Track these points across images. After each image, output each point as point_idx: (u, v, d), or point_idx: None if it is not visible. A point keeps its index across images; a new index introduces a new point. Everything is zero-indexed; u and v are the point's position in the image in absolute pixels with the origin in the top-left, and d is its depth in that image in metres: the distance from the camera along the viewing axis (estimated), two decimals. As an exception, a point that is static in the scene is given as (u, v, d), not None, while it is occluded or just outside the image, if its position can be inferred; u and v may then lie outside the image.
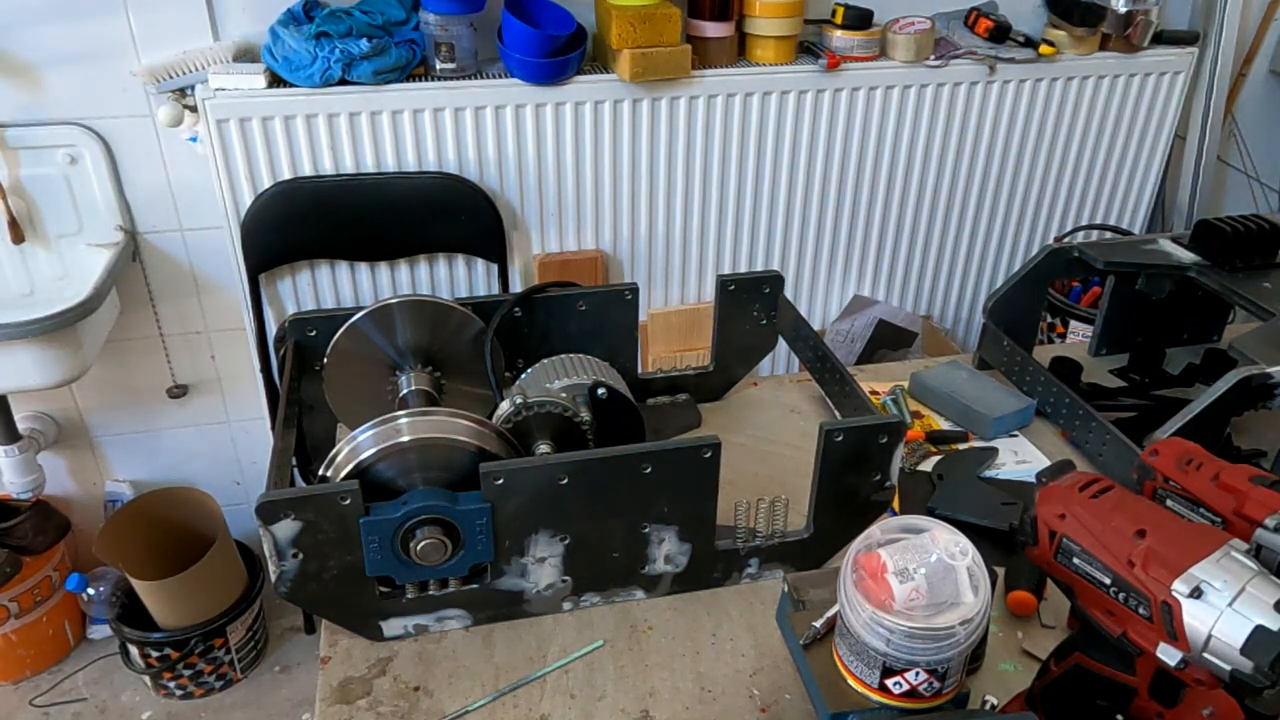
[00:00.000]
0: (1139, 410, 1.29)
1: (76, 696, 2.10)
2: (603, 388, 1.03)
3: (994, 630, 0.94)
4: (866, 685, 0.75)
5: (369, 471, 0.86)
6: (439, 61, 1.79)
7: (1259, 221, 1.25)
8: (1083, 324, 2.21)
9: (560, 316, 1.13)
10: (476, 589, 0.92)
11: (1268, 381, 1.04)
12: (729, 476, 0.92)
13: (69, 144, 1.80)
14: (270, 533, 0.81)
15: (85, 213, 1.87)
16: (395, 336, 1.06)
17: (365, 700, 0.87)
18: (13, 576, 2.00)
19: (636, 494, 0.89)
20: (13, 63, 1.73)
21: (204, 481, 2.19)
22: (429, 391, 1.05)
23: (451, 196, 1.87)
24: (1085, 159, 2.29)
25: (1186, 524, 0.70)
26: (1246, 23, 2.30)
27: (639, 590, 0.97)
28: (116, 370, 2.06)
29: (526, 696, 0.88)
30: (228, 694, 2.11)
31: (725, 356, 1.26)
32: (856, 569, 0.74)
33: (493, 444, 0.89)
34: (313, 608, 0.91)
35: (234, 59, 1.76)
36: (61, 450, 2.14)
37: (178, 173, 1.89)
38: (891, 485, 0.97)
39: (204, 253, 1.97)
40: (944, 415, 1.29)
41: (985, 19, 2.10)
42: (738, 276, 1.21)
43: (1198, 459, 0.83)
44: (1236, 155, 2.43)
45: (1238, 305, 1.23)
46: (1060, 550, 0.72)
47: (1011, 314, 1.34)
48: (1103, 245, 1.35)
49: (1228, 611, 0.62)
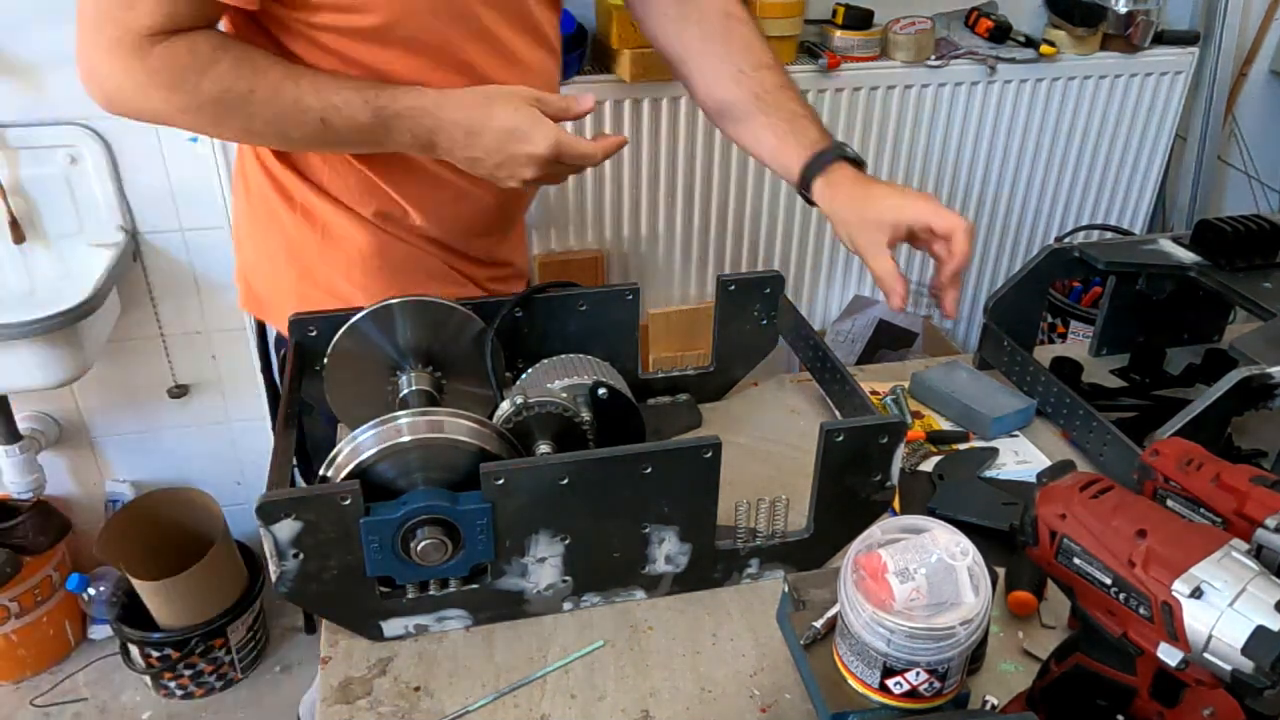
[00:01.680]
0: (1139, 410, 1.29)
1: (77, 696, 2.10)
2: (603, 388, 1.03)
3: (994, 630, 0.94)
4: (867, 685, 0.75)
5: (369, 472, 0.86)
6: (439, 61, 1.79)
7: (1259, 221, 1.25)
8: (1083, 324, 2.21)
9: (561, 316, 1.13)
10: (477, 589, 0.92)
11: (1268, 381, 1.04)
12: (729, 476, 0.92)
13: (69, 144, 1.81)
14: (270, 533, 0.81)
15: (86, 213, 1.87)
16: (396, 337, 1.06)
17: (365, 700, 0.87)
18: (13, 576, 2.00)
19: (637, 494, 0.89)
20: (13, 63, 1.73)
21: (204, 481, 2.19)
22: (429, 392, 1.05)
23: (452, 196, 1.86)
24: (1085, 159, 2.29)
25: (1187, 524, 0.70)
26: (1247, 23, 2.30)
27: (639, 590, 0.97)
28: (117, 370, 2.06)
29: (527, 696, 0.88)
30: (228, 694, 2.11)
31: (726, 357, 1.26)
32: (857, 569, 0.74)
33: (493, 444, 0.89)
34: (313, 608, 0.91)
35: (234, 59, 1.76)
36: (62, 450, 2.14)
37: (178, 173, 1.89)
38: (892, 485, 0.97)
39: (204, 253, 1.98)
40: (944, 415, 1.29)
41: (985, 19, 2.10)
42: (738, 276, 1.21)
43: (1198, 459, 0.83)
44: (1237, 155, 2.43)
45: (1238, 305, 1.23)
46: (1060, 550, 0.72)
47: (1012, 314, 1.34)
48: (1103, 245, 1.35)
49: (1228, 612, 0.62)
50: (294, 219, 1.16)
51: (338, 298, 1.17)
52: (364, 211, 1.15)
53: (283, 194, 1.16)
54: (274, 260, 1.22)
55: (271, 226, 1.19)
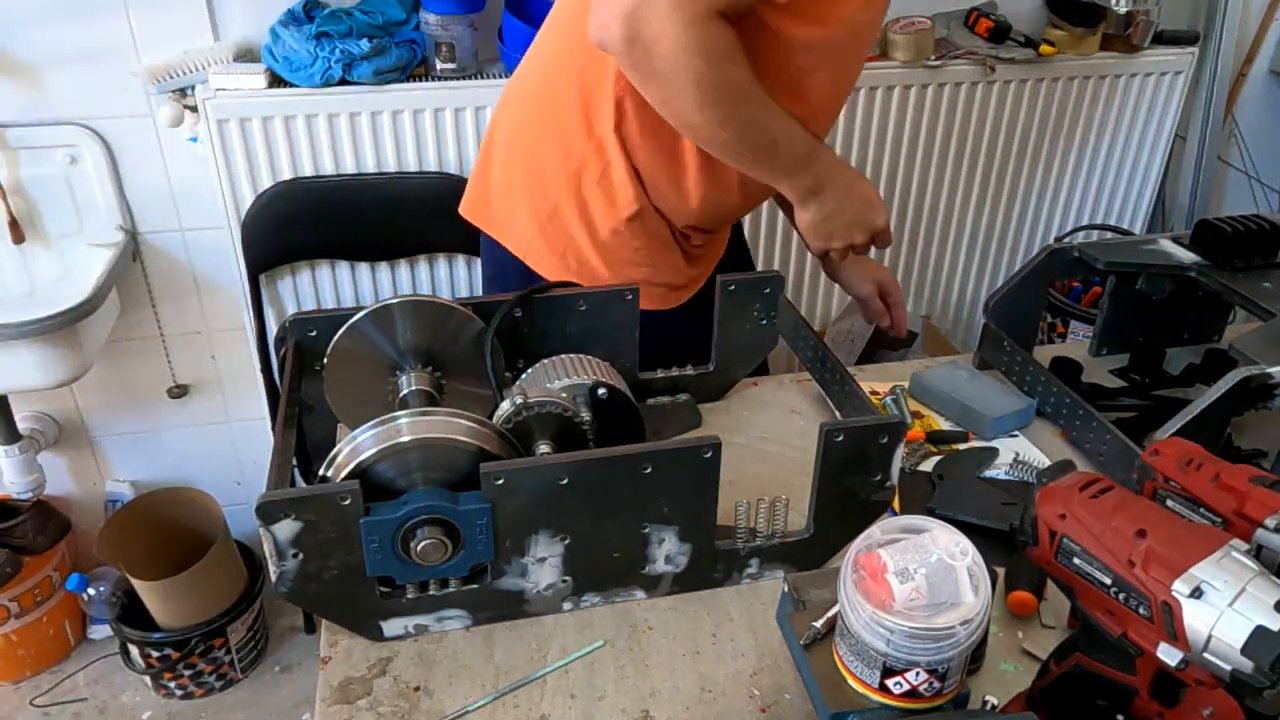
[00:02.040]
0: (1139, 410, 1.29)
1: (77, 696, 2.10)
2: (603, 388, 1.03)
3: (994, 630, 0.94)
4: (867, 685, 0.75)
5: (369, 472, 0.86)
6: (439, 61, 1.79)
7: (1259, 221, 1.25)
8: (1083, 324, 2.21)
9: (560, 316, 1.13)
10: (477, 589, 0.92)
11: (1268, 381, 1.04)
12: (729, 476, 0.92)
13: (69, 144, 1.81)
14: (270, 533, 0.81)
15: (85, 213, 1.87)
16: (395, 337, 1.06)
17: (365, 700, 0.87)
18: (13, 576, 2.00)
19: (637, 494, 0.89)
20: (13, 63, 1.73)
21: (204, 481, 2.19)
22: (429, 392, 1.05)
23: (452, 196, 1.85)
24: (1085, 159, 2.29)
25: (1187, 524, 0.70)
26: (1247, 23, 2.30)
27: (639, 590, 0.97)
28: (117, 370, 2.06)
29: (527, 696, 0.88)
30: (228, 694, 2.11)
31: (725, 357, 1.26)
32: (857, 569, 0.74)
33: (493, 444, 0.89)
34: (313, 608, 0.91)
35: (234, 59, 1.76)
36: (62, 450, 2.14)
37: (178, 173, 1.89)
38: (892, 485, 0.97)
39: (204, 253, 1.97)
40: (944, 415, 1.29)
41: (985, 19, 2.10)
42: (738, 277, 1.21)
43: (1198, 459, 0.83)
44: (1236, 155, 2.43)
45: (1238, 305, 1.23)
46: (1060, 550, 0.72)
47: (1012, 314, 1.34)
48: (1103, 245, 1.35)
49: (1228, 612, 0.62)
50: (588, 148, 1.21)
51: (570, 242, 1.24)
52: (650, 181, 1.22)
53: (589, 129, 1.21)
54: (538, 179, 1.25)
55: (557, 146, 1.23)
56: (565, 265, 1.25)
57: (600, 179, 1.22)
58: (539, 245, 1.26)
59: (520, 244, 1.28)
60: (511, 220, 1.29)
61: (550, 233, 1.25)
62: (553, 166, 1.23)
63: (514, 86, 1.33)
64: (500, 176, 1.30)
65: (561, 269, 1.25)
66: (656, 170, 1.21)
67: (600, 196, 1.22)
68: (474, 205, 1.36)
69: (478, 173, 1.36)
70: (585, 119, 1.20)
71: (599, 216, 1.23)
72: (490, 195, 1.32)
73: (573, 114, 1.21)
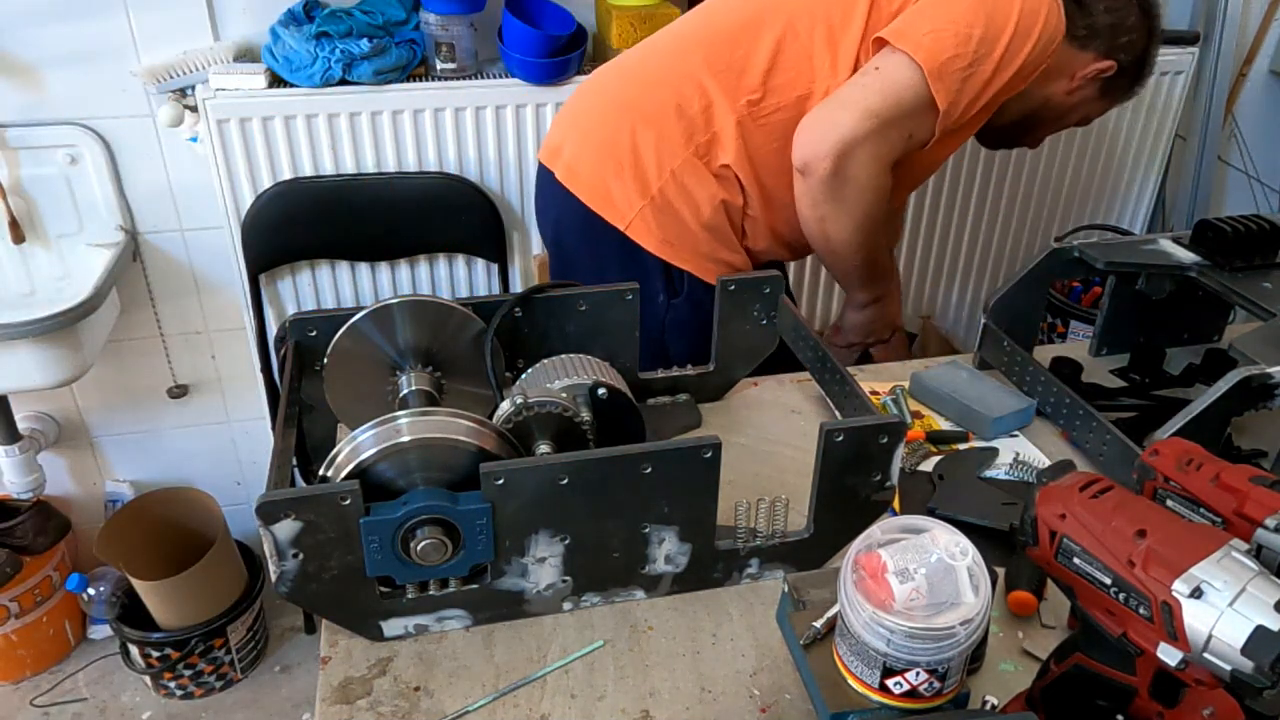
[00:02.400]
0: (1139, 410, 1.29)
1: (77, 696, 2.10)
2: (603, 388, 1.03)
3: (994, 630, 0.94)
4: (867, 685, 0.75)
5: (369, 472, 0.86)
6: (439, 61, 1.79)
7: (1259, 221, 1.25)
8: (1083, 324, 2.21)
9: (560, 316, 1.13)
10: (476, 589, 0.92)
11: (1268, 381, 1.04)
12: (729, 476, 0.92)
13: (69, 144, 1.81)
14: (270, 533, 0.81)
15: (85, 213, 1.87)
16: (395, 337, 1.06)
17: (365, 700, 0.87)
18: (13, 576, 2.00)
19: (637, 494, 0.89)
20: (13, 63, 1.73)
21: (204, 481, 2.19)
22: (429, 391, 1.05)
23: (451, 196, 1.87)
24: (1085, 159, 2.29)
25: (1187, 524, 0.70)
26: (1247, 23, 2.30)
27: (639, 590, 0.97)
28: (117, 370, 2.06)
29: (527, 696, 0.88)
30: (228, 694, 2.11)
31: (725, 357, 1.27)
32: (857, 569, 0.74)
33: (493, 444, 0.89)
34: (313, 608, 0.91)
35: (234, 59, 1.76)
36: (61, 450, 2.14)
37: (178, 173, 1.89)
38: (892, 485, 0.97)
39: (204, 253, 1.98)
40: (944, 415, 1.29)
41: (985, 19, 2.09)
42: (738, 277, 1.21)
43: (1198, 459, 0.83)
44: (1237, 155, 2.43)
45: (1238, 305, 1.23)
46: (1060, 550, 0.72)
47: (1012, 314, 1.34)
48: (1103, 245, 1.35)
49: (1228, 611, 0.62)
50: (701, 143, 1.36)
51: (674, 215, 1.37)
52: (738, 202, 1.39)
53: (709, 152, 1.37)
54: (645, 156, 1.37)
55: (677, 134, 1.35)
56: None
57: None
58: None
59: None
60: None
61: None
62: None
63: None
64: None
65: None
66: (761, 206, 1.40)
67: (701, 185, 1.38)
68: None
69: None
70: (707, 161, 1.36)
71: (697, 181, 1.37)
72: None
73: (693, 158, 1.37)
